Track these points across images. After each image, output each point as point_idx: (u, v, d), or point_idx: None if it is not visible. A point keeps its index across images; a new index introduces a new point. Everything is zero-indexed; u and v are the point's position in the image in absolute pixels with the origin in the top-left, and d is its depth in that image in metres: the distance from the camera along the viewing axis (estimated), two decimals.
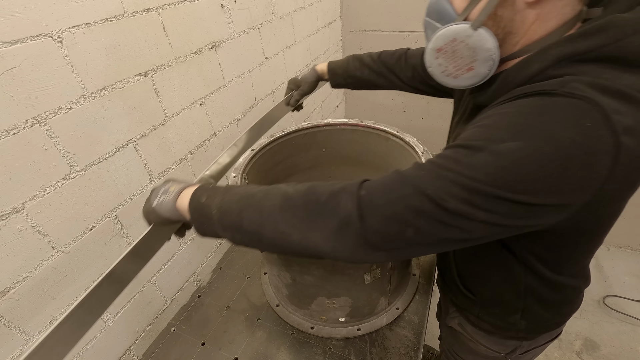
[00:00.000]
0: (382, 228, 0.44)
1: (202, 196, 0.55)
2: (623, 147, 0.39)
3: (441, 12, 0.53)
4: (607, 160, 0.39)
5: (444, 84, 0.57)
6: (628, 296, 1.74)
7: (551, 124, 0.40)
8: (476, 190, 0.40)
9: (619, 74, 0.42)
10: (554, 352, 1.58)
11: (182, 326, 0.96)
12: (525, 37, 0.49)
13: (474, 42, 0.49)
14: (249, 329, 0.92)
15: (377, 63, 0.97)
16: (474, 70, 0.52)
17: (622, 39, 0.42)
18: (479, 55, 0.50)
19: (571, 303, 0.71)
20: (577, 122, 0.39)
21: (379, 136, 1.02)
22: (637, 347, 1.57)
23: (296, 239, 0.48)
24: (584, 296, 0.74)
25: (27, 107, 0.59)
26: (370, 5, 1.85)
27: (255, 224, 0.50)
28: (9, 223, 0.60)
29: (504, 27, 0.49)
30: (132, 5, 0.74)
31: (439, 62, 0.55)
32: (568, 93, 0.41)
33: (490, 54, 0.49)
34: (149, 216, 0.59)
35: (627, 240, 1.99)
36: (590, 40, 0.43)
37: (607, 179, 0.40)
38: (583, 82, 0.41)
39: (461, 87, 0.55)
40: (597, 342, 1.60)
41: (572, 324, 1.68)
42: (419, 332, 0.85)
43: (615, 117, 0.39)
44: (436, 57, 0.54)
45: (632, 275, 1.87)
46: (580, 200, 0.42)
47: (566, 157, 0.39)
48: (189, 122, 0.95)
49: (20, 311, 0.63)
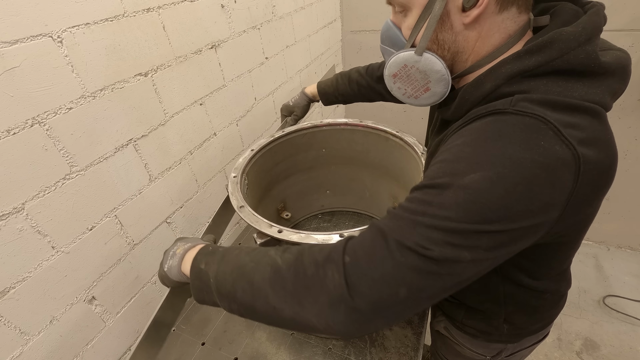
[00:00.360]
0: (373, 294, 0.42)
1: (201, 262, 0.55)
2: (582, 158, 0.40)
3: (393, 39, 0.57)
4: (568, 173, 0.40)
5: (409, 104, 0.60)
6: (628, 296, 1.74)
7: (508, 147, 0.40)
8: (454, 231, 0.40)
9: (570, 85, 0.44)
10: (554, 352, 1.58)
11: (182, 326, 0.96)
12: (472, 54, 0.52)
13: (423, 66, 0.53)
14: (249, 329, 0.92)
15: (364, 78, 0.99)
16: (430, 90, 0.55)
17: (568, 53, 0.43)
18: (431, 77, 0.53)
19: (554, 306, 0.71)
20: (532, 142, 0.40)
21: (379, 136, 1.02)
22: (637, 347, 1.57)
23: (288, 315, 0.46)
24: (567, 297, 0.74)
25: (27, 107, 0.59)
26: (370, 5, 1.85)
27: (248, 295, 0.48)
28: (9, 223, 0.60)
29: (448, 48, 0.51)
30: (132, 5, 0.74)
31: (398, 86, 0.58)
32: (518, 111, 0.42)
33: (442, 74, 0.52)
34: (163, 281, 0.62)
35: (627, 240, 1.99)
36: (537, 56, 0.44)
37: (573, 190, 0.41)
38: (532, 100, 0.42)
39: (424, 105, 0.59)
40: (597, 342, 1.60)
41: (572, 324, 1.68)
42: (419, 332, 0.85)
43: (567, 131, 0.40)
44: (394, 82, 0.58)
45: (632, 275, 1.87)
46: (552, 216, 0.42)
47: (529, 178, 0.39)
48: (189, 122, 0.95)
49: (20, 311, 0.63)
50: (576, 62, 0.43)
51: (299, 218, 1.25)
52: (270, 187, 1.08)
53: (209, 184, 1.08)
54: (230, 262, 0.52)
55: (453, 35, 0.50)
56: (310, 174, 1.16)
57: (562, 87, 0.44)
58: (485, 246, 0.41)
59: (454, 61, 0.53)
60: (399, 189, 1.05)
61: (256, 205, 0.98)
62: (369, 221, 0.95)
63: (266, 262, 0.49)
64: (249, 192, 0.90)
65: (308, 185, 1.19)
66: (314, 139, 1.08)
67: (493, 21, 0.48)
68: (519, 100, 0.43)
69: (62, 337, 0.71)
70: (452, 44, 0.51)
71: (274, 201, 1.12)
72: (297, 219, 1.25)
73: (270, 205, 1.11)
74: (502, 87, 0.46)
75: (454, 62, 0.53)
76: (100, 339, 0.80)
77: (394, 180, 1.06)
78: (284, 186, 1.13)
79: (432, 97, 0.56)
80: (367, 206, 1.25)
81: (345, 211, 1.29)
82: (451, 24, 0.49)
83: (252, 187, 0.94)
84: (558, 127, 0.40)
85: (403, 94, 0.59)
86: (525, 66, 0.45)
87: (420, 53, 0.52)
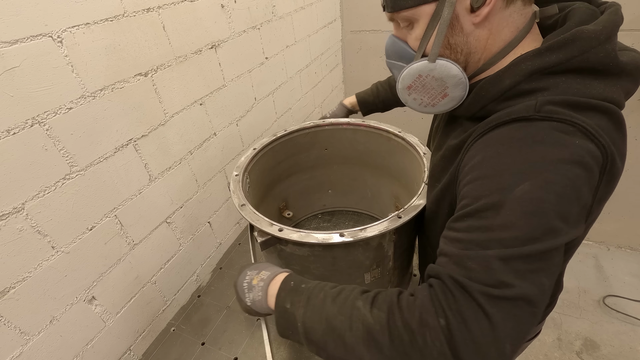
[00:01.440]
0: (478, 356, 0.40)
1: (286, 301, 0.54)
2: (610, 156, 0.41)
3: (400, 52, 0.57)
4: (597, 169, 0.41)
5: (426, 112, 0.59)
6: (628, 296, 1.74)
7: (546, 151, 0.41)
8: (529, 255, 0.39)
9: (588, 83, 0.44)
10: (554, 352, 1.58)
11: (182, 326, 0.96)
12: (485, 52, 0.52)
13: (439, 73, 0.52)
14: (249, 329, 0.92)
15: None
16: (449, 96, 0.54)
17: (588, 51, 0.43)
18: (448, 83, 0.53)
19: (548, 307, 0.70)
20: (567, 142, 0.40)
21: (381, 136, 1.02)
22: (637, 347, 1.56)
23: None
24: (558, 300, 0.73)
25: (27, 107, 0.59)
26: (370, 5, 1.85)
27: (340, 351, 0.48)
28: (9, 223, 0.60)
29: (461, 51, 0.51)
30: (132, 5, 0.74)
31: (413, 97, 0.58)
32: (545, 117, 0.42)
33: (459, 78, 0.52)
34: (251, 313, 0.62)
35: (627, 240, 1.99)
36: (557, 53, 0.44)
37: (597, 188, 0.42)
38: (555, 102, 0.43)
39: (442, 112, 0.58)
40: (597, 342, 1.60)
41: (572, 324, 1.68)
42: None
43: (595, 130, 0.41)
44: (409, 94, 0.57)
45: (632, 275, 1.87)
46: (588, 209, 0.42)
47: (573, 178, 0.40)
48: (189, 122, 0.95)
49: (20, 311, 0.63)
50: (596, 60, 0.43)
51: (300, 217, 1.26)
52: (272, 186, 1.08)
53: (209, 184, 1.08)
54: (317, 310, 0.51)
55: (464, 37, 0.50)
56: (312, 173, 1.16)
57: (581, 84, 0.44)
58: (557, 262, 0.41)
59: (467, 63, 0.53)
60: (401, 189, 1.05)
61: (258, 203, 0.98)
62: (369, 220, 0.95)
63: (357, 318, 0.47)
64: (250, 191, 0.91)
65: (310, 185, 1.19)
66: (316, 139, 1.08)
67: (501, 17, 0.48)
68: (543, 104, 0.43)
69: (62, 337, 0.71)
70: (464, 46, 0.51)
71: (275, 200, 1.13)
72: (298, 218, 1.25)
73: (272, 203, 1.12)
74: (521, 84, 0.46)
75: (467, 63, 0.53)
76: (100, 339, 0.80)
77: (396, 180, 1.06)
78: (285, 185, 1.13)
79: (451, 102, 0.55)
80: (369, 206, 1.25)
81: (346, 211, 1.29)
82: (461, 26, 0.49)
83: (254, 185, 0.94)
84: (586, 127, 0.41)
85: (419, 104, 0.58)
86: (546, 63, 0.45)
87: (433, 60, 0.51)
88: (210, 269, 1.14)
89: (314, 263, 0.74)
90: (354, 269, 0.75)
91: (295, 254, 0.73)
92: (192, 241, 1.05)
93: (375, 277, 0.79)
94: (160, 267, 0.95)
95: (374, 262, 0.75)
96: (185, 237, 1.02)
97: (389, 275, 0.82)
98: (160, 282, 0.96)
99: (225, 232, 1.21)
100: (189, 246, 1.04)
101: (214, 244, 1.16)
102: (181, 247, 1.01)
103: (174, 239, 0.98)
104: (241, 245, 1.22)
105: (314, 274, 0.77)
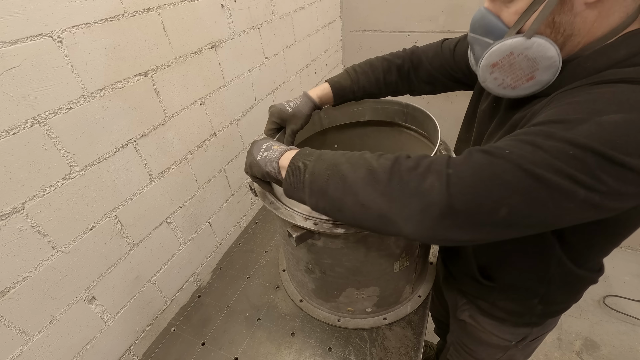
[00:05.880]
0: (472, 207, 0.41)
1: (299, 160, 0.56)
2: None
3: (489, 27, 0.52)
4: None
5: (501, 95, 0.56)
6: (628, 296, 1.74)
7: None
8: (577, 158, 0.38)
9: None
10: (554, 352, 1.58)
11: (182, 326, 0.96)
12: (587, 36, 0.48)
13: (533, 53, 0.48)
14: (249, 329, 0.92)
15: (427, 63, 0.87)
16: (535, 79, 0.51)
17: None
18: (540, 65, 0.49)
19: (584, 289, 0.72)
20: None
21: (392, 129, 1.02)
22: (637, 347, 1.57)
23: (375, 214, 0.47)
24: None
25: (27, 107, 0.59)
26: (370, 5, 1.85)
27: (339, 192, 0.50)
28: (9, 223, 0.60)
29: (563, 32, 0.48)
30: (132, 5, 0.74)
31: (495, 77, 0.54)
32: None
33: (553, 61, 0.48)
34: (252, 168, 0.64)
35: (627, 240, 1.97)
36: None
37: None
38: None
39: (520, 96, 0.54)
40: (597, 342, 1.60)
41: (572, 323, 1.69)
42: (419, 332, 0.85)
43: None
44: (491, 72, 0.54)
45: (632, 275, 1.87)
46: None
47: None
48: (189, 122, 0.95)
49: (20, 311, 0.63)
50: None
51: None
52: None
53: (209, 184, 1.08)
54: (327, 160, 0.54)
55: (571, 17, 0.46)
56: None
57: None
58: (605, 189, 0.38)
59: (564, 45, 0.49)
60: None
61: None
62: None
63: (362, 164, 0.50)
64: None
65: None
66: (327, 135, 1.09)
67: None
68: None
69: (62, 337, 0.71)
70: (568, 26, 0.47)
71: None
72: None
73: None
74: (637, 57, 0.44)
75: (563, 46, 0.49)
76: (100, 339, 0.80)
77: None
78: None
79: (534, 87, 0.51)
80: None
81: None
82: (572, 3, 0.45)
83: None
84: None
85: (499, 84, 0.54)
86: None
87: (529, 37, 0.48)
88: (210, 269, 1.14)
89: (346, 255, 0.74)
90: (385, 258, 0.76)
91: (328, 247, 0.73)
92: (192, 241, 1.05)
93: (403, 266, 0.79)
94: (160, 267, 0.95)
95: (404, 250, 0.76)
96: (185, 237, 1.02)
97: (414, 263, 0.83)
98: (160, 282, 0.96)
99: (226, 232, 1.21)
100: (189, 246, 1.04)
101: (214, 244, 1.16)
102: (181, 247, 1.01)
103: (174, 239, 0.98)
104: (241, 245, 1.22)
105: (345, 266, 0.77)
